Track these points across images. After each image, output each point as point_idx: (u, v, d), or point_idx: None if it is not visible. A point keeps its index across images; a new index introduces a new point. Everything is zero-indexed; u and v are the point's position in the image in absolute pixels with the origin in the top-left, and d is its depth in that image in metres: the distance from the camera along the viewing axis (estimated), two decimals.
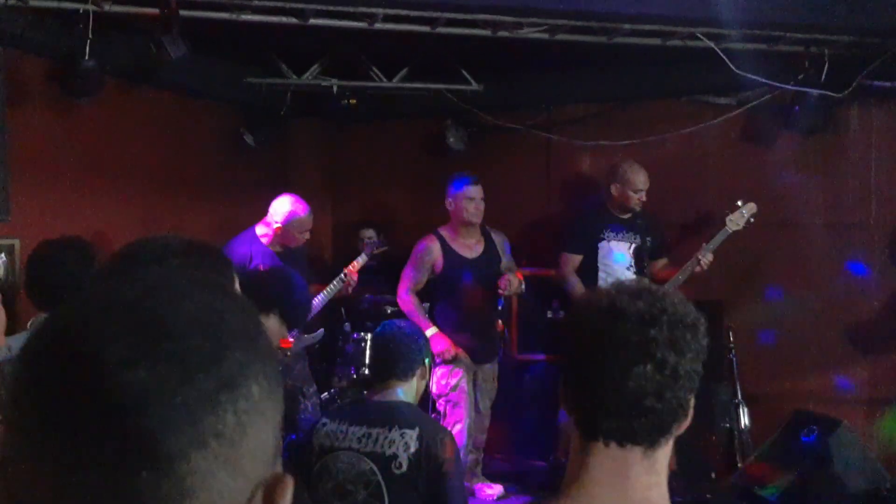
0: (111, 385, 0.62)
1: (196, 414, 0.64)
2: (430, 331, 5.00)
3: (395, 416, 2.83)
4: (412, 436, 2.75)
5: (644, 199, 5.26)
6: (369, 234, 6.23)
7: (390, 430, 2.77)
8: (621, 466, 1.29)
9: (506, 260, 5.37)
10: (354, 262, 5.22)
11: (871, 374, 5.35)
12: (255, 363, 0.68)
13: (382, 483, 2.71)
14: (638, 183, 5.25)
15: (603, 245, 5.28)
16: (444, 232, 5.25)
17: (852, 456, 4.40)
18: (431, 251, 5.17)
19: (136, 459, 0.62)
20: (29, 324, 2.82)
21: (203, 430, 0.64)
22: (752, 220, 4.97)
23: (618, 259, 5.26)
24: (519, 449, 5.86)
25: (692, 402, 1.29)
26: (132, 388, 0.62)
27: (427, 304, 5.28)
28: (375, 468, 2.73)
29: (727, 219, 4.96)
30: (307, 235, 5.10)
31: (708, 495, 4.76)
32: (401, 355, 2.98)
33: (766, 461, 4.79)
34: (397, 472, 2.71)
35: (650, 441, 1.29)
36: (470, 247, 5.26)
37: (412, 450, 2.72)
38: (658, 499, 1.30)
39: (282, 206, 4.97)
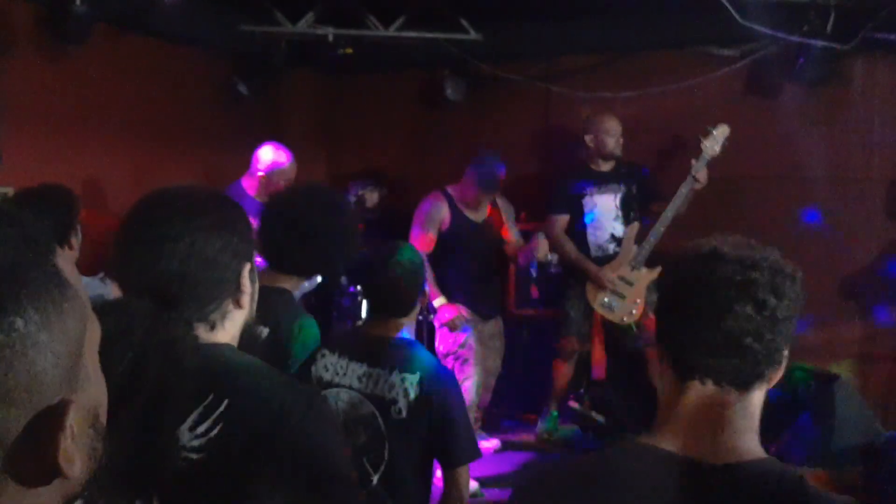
0: None
1: None
2: (439, 301, 5.01)
3: (396, 356, 2.68)
4: (412, 381, 2.61)
5: (621, 141, 5.22)
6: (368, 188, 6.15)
7: (391, 372, 2.63)
8: (716, 407, 1.28)
9: (510, 226, 5.34)
10: None
11: (865, 329, 5.35)
12: (19, 297, 0.68)
13: (383, 428, 2.61)
14: (610, 124, 5.22)
15: (587, 201, 5.25)
16: (451, 191, 5.19)
17: (850, 409, 4.42)
18: (440, 209, 5.11)
19: None
20: None
21: None
22: (726, 142, 4.91)
23: (603, 212, 5.22)
24: (516, 403, 5.87)
25: (787, 353, 1.30)
26: None
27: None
28: (376, 412, 2.62)
29: (702, 145, 4.91)
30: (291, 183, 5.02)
31: None
32: (406, 294, 2.77)
33: (766, 415, 4.82)
34: (397, 417, 2.60)
35: (746, 383, 1.29)
36: (476, 210, 5.21)
37: (412, 396, 2.59)
38: (750, 446, 1.28)
39: (264, 155, 4.93)
